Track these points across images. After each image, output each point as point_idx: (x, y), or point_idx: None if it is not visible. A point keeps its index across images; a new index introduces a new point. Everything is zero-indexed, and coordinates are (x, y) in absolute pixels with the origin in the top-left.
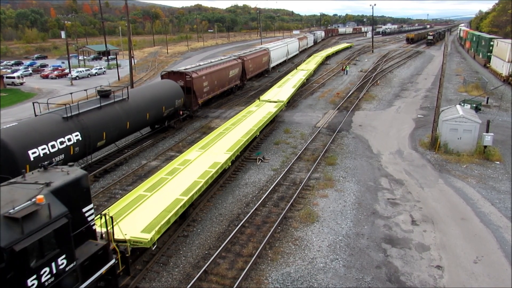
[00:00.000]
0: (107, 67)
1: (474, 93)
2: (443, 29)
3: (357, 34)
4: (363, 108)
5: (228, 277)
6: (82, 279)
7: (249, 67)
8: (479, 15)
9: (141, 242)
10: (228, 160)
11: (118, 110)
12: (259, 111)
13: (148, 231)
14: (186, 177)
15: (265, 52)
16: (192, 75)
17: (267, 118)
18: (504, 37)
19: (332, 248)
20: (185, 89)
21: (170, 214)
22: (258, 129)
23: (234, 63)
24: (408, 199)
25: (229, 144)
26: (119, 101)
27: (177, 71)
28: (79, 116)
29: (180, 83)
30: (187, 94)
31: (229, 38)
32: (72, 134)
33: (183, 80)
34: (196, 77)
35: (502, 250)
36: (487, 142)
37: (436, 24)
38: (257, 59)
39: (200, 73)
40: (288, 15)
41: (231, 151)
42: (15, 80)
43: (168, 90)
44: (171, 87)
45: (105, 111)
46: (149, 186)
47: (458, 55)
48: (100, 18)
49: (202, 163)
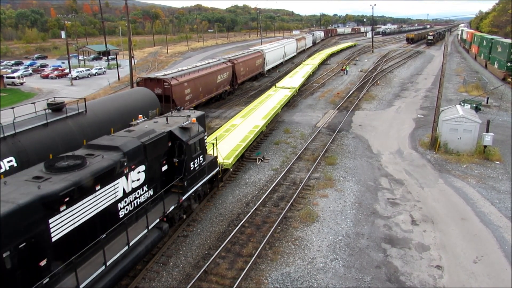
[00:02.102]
0: (107, 67)
1: (474, 93)
2: (443, 29)
3: (355, 35)
4: (363, 108)
5: (228, 277)
6: (207, 173)
7: (240, 71)
8: (479, 15)
9: (226, 164)
10: (264, 124)
11: (71, 127)
12: (277, 95)
13: (227, 159)
14: (238, 133)
15: (259, 54)
16: (171, 82)
17: (285, 99)
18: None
19: (332, 248)
20: (163, 97)
21: (237, 151)
22: (280, 106)
23: (223, 67)
24: (408, 199)
25: (261, 115)
26: (73, 115)
27: (154, 77)
28: (15, 137)
29: (158, 91)
30: (166, 103)
31: (229, 38)
32: (2, 161)
33: (161, 87)
34: (176, 84)
35: (502, 250)
36: (487, 142)
37: (436, 24)
38: (250, 62)
39: (181, 79)
40: (288, 15)
41: (265, 119)
42: (15, 80)
43: (141, 99)
44: (144, 96)
45: (54, 129)
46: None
47: (458, 55)
48: (100, 18)
49: (246, 126)
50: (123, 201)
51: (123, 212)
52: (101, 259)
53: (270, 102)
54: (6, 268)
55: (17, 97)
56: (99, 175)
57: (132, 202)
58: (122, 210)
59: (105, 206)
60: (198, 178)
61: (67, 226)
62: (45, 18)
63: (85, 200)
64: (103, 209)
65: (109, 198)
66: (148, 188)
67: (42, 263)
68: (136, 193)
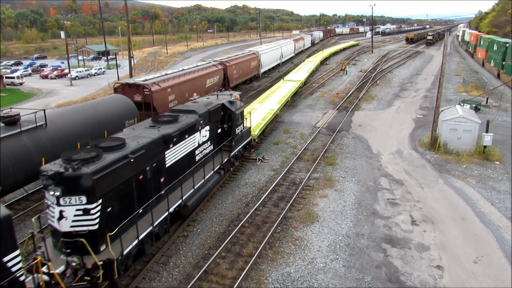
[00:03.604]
0: (106, 67)
1: (474, 93)
2: (443, 29)
3: (354, 35)
4: (362, 108)
5: (228, 277)
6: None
7: (233, 74)
8: (479, 15)
9: (254, 135)
10: (278, 108)
11: (26, 143)
12: (285, 86)
13: (254, 131)
14: (259, 114)
15: (254, 56)
16: (151, 88)
17: (293, 90)
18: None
19: (332, 248)
20: (143, 105)
21: (260, 126)
22: (290, 95)
23: (214, 70)
24: (408, 199)
25: (275, 101)
26: (29, 129)
27: (133, 83)
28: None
29: (138, 97)
30: (147, 111)
31: (229, 38)
32: None
33: (141, 94)
34: (157, 90)
35: (502, 250)
36: (486, 142)
37: (435, 24)
38: (244, 64)
39: (163, 84)
40: (288, 15)
41: (279, 104)
42: (14, 80)
43: (115, 108)
44: (120, 104)
45: (5, 146)
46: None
47: (458, 55)
48: (99, 18)
49: (264, 109)
50: (197, 150)
51: (198, 157)
52: (191, 184)
53: (281, 92)
54: (148, 177)
55: (17, 97)
56: (187, 127)
57: (202, 151)
58: (197, 156)
59: (189, 150)
60: (239, 142)
61: (172, 158)
62: (44, 18)
63: (181, 143)
64: (189, 152)
65: (191, 145)
66: (210, 144)
67: (162, 179)
68: (204, 145)
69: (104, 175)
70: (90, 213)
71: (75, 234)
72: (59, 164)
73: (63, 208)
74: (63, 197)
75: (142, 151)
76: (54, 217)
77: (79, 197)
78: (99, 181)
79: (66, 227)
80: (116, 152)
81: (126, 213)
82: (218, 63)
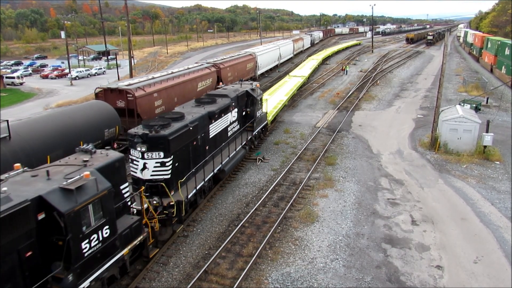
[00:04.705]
0: (107, 67)
1: (474, 93)
2: (443, 29)
3: (354, 35)
4: (363, 108)
5: (228, 277)
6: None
7: (227, 76)
8: (479, 15)
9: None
10: (287, 99)
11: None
12: (291, 81)
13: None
14: (270, 103)
15: (250, 57)
16: (135, 93)
17: (299, 84)
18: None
19: (332, 248)
20: (126, 111)
21: (273, 113)
22: (296, 88)
23: (206, 72)
24: (408, 199)
25: (283, 93)
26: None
27: (116, 88)
28: None
29: (121, 103)
30: (130, 118)
31: (229, 38)
32: None
33: (124, 99)
34: (142, 95)
35: (502, 250)
36: (487, 142)
37: (435, 24)
38: (239, 66)
39: (149, 89)
40: (288, 15)
41: (287, 96)
42: (14, 80)
43: (93, 116)
44: (99, 112)
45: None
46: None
47: (458, 55)
48: (100, 18)
49: (274, 99)
50: (229, 127)
51: (229, 133)
52: (227, 153)
53: (287, 85)
54: (199, 144)
55: (17, 97)
56: (224, 108)
57: (232, 129)
58: (229, 132)
59: (224, 126)
60: (259, 123)
61: (214, 131)
62: (44, 18)
63: (219, 120)
64: (224, 128)
65: (226, 122)
66: (237, 124)
67: (207, 147)
68: (233, 124)
69: (174, 137)
70: (165, 165)
71: (154, 181)
72: (141, 128)
73: (146, 161)
74: (147, 152)
75: (196, 123)
76: (137, 169)
77: (158, 152)
78: (172, 141)
79: (148, 176)
80: (180, 122)
81: (186, 169)
82: (211, 65)
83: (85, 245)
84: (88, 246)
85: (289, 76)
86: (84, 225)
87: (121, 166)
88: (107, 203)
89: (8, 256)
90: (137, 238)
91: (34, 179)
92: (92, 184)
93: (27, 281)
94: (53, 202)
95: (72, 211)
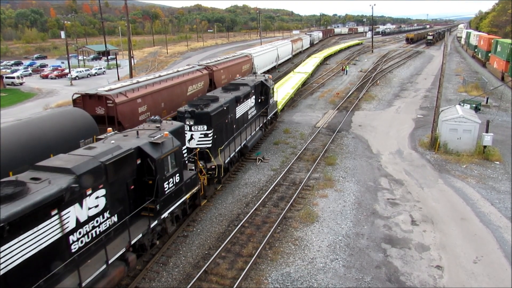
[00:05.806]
0: (106, 67)
1: (474, 93)
2: (443, 29)
3: (353, 35)
4: (362, 108)
5: (228, 277)
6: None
7: (220, 79)
8: (479, 15)
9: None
10: (293, 92)
11: None
12: (295, 76)
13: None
14: (279, 95)
15: (246, 58)
16: (115, 99)
17: (303, 79)
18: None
19: (332, 248)
20: (106, 119)
21: (282, 103)
22: (301, 83)
23: (197, 75)
24: (408, 199)
25: (289, 87)
26: None
27: (95, 93)
28: None
29: (100, 110)
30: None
31: (229, 38)
32: None
33: (104, 106)
34: (122, 102)
35: (502, 250)
36: (486, 142)
37: (435, 24)
38: (234, 68)
39: (132, 94)
40: (288, 15)
41: (293, 89)
42: (14, 80)
43: (68, 125)
44: (74, 120)
45: None
46: None
47: (458, 55)
48: (99, 18)
49: (282, 92)
50: (249, 111)
51: (249, 117)
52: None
53: (293, 80)
54: (229, 122)
55: (17, 97)
56: (246, 94)
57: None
58: (249, 115)
59: (245, 110)
60: (272, 110)
61: (239, 113)
62: (44, 18)
63: (243, 104)
64: (245, 111)
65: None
66: (254, 110)
67: (234, 126)
68: (252, 109)
69: (215, 114)
70: (208, 136)
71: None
72: (188, 106)
73: (193, 133)
74: (194, 125)
75: (227, 104)
76: (186, 139)
77: (203, 126)
78: (213, 117)
79: (194, 145)
80: (217, 103)
81: (222, 141)
82: (203, 67)
83: (166, 185)
84: (167, 186)
85: (293, 73)
86: (165, 170)
87: (182, 132)
88: (178, 156)
89: (122, 185)
90: (195, 187)
91: (127, 137)
92: (170, 141)
93: (131, 207)
94: (148, 151)
95: (160, 158)
